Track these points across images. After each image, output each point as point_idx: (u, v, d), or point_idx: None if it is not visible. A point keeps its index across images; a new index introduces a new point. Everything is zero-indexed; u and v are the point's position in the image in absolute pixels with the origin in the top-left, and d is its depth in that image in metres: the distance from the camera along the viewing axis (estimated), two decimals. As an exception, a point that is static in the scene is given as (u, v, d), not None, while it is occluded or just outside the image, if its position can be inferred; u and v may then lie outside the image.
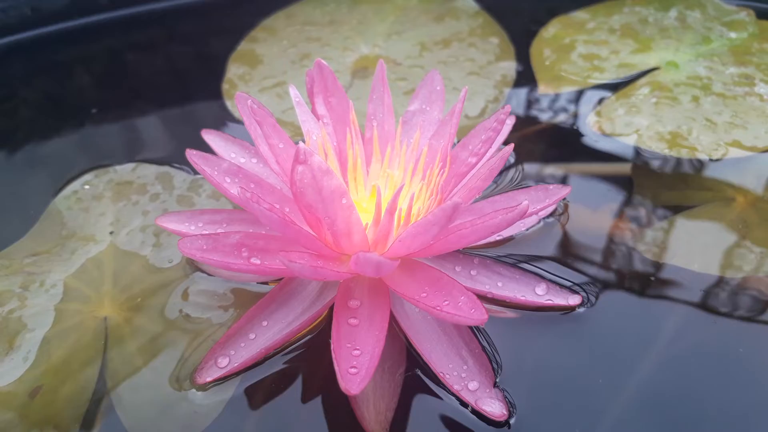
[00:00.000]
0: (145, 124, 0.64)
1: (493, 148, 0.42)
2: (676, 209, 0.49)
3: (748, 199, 0.49)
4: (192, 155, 0.41)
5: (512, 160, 0.53)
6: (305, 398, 0.38)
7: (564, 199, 0.49)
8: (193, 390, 0.37)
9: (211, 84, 0.65)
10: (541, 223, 0.46)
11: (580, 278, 0.43)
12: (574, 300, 0.40)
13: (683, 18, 0.68)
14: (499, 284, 0.40)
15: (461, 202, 0.32)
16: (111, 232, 0.48)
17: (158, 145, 0.61)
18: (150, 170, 0.53)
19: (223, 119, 0.61)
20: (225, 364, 0.37)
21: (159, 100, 0.67)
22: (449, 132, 0.39)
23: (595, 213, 0.49)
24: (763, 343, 0.40)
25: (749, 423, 0.36)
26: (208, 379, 0.37)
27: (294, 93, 0.41)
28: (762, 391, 0.38)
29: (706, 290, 0.43)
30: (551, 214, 0.47)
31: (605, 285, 0.43)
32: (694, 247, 0.46)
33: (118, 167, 0.54)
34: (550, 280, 0.41)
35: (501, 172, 0.52)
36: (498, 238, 0.44)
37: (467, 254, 0.42)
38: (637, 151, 0.54)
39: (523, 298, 0.39)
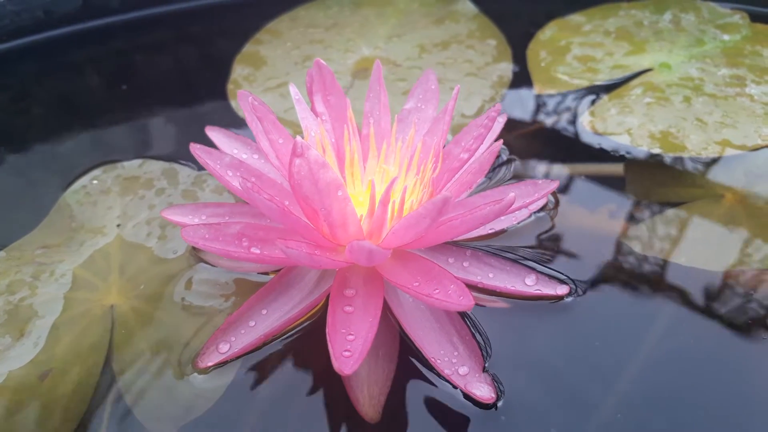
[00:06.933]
0: (153, 122, 0.65)
1: (485, 145, 0.44)
2: (667, 206, 0.50)
3: (737, 196, 0.50)
4: (196, 149, 0.43)
5: (504, 157, 0.55)
6: (302, 382, 0.39)
7: (554, 193, 0.50)
8: (195, 374, 0.39)
9: (217, 84, 0.67)
10: (533, 217, 0.48)
11: (568, 269, 0.44)
12: (562, 290, 0.42)
13: (678, 21, 0.70)
14: (490, 275, 0.42)
15: (451, 195, 0.33)
16: (118, 225, 0.50)
17: (165, 142, 0.62)
18: (156, 166, 0.55)
19: (228, 118, 0.62)
20: (226, 349, 0.39)
21: (166, 100, 0.69)
22: (442, 129, 0.41)
23: (587, 209, 0.50)
24: (747, 335, 0.41)
25: (734, 411, 0.38)
26: (210, 364, 0.39)
27: (294, 91, 0.43)
28: (746, 380, 0.39)
29: (694, 283, 0.44)
30: (542, 209, 0.48)
31: (595, 277, 0.45)
32: (684, 242, 0.47)
33: (125, 163, 0.55)
34: (540, 272, 0.43)
35: (495, 170, 0.53)
36: (490, 231, 0.45)
37: (460, 246, 0.44)
38: (629, 150, 0.55)
39: (513, 288, 0.41)
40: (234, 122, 0.62)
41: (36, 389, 0.39)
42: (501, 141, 0.38)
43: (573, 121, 0.60)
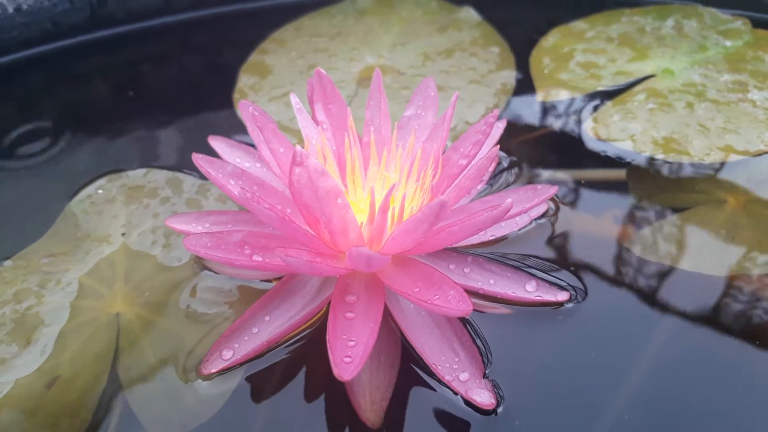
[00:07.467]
0: (158, 132, 0.66)
1: (484, 151, 0.44)
2: (670, 211, 0.50)
3: (739, 201, 0.50)
4: (198, 159, 0.43)
5: (505, 164, 0.55)
6: (304, 388, 0.40)
7: (555, 199, 0.50)
8: (199, 380, 0.39)
9: (223, 94, 0.67)
10: (534, 224, 0.48)
11: (570, 275, 0.45)
12: (562, 296, 0.42)
13: (680, 27, 0.70)
14: (491, 281, 0.42)
15: (448, 199, 0.33)
16: (123, 234, 0.50)
17: (170, 152, 0.63)
18: (161, 175, 0.55)
19: (234, 127, 0.63)
20: (229, 356, 0.39)
21: (173, 110, 0.69)
22: (441, 135, 0.41)
23: (590, 214, 0.51)
24: (751, 340, 0.41)
25: (738, 417, 0.38)
26: (213, 370, 0.39)
27: (294, 100, 0.43)
28: (750, 387, 0.39)
29: (697, 288, 0.44)
30: (543, 215, 0.49)
31: (597, 282, 0.45)
32: (687, 248, 0.47)
33: (130, 172, 0.56)
34: (541, 278, 0.43)
35: (497, 176, 0.54)
36: (491, 238, 0.45)
37: (461, 253, 0.44)
38: (633, 156, 0.55)
39: (513, 294, 0.41)
40: (240, 131, 0.62)
41: (43, 397, 0.40)
42: (498, 146, 0.39)
43: (576, 128, 0.60)
